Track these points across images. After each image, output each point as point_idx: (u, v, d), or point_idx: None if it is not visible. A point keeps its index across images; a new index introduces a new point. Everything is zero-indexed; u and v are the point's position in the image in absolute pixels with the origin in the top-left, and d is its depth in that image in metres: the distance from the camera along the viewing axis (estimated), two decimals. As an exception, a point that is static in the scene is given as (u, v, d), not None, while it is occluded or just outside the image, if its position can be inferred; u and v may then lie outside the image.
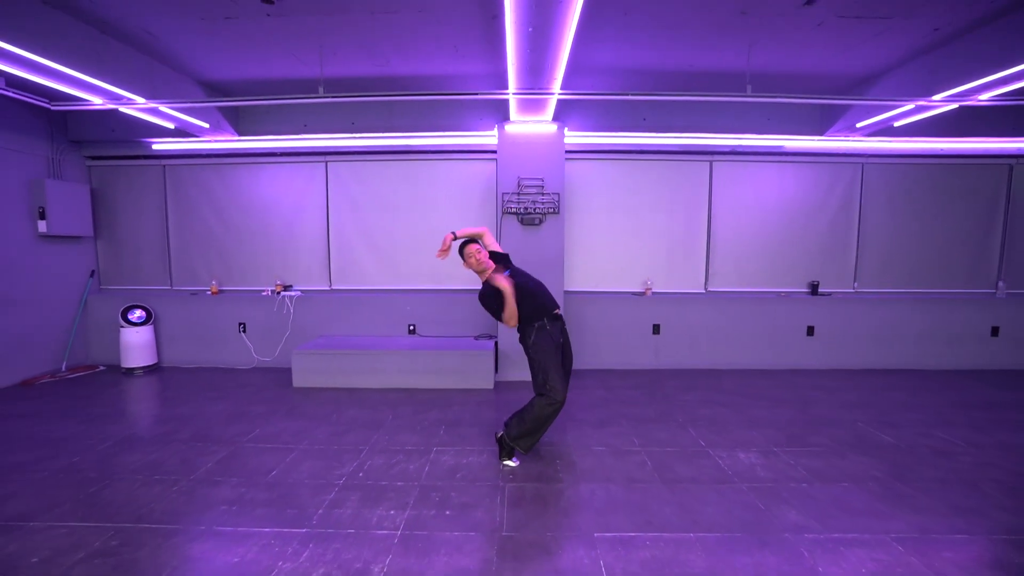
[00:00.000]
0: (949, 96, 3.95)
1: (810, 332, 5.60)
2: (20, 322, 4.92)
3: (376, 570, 2.02)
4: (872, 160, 5.62)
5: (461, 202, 5.58)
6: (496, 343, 5.12)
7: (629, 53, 4.21)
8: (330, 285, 5.78)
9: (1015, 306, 5.56)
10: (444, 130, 5.36)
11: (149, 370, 5.42)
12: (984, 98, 3.93)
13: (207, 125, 4.98)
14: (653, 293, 5.62)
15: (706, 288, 5.74)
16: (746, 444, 3.40)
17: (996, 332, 5.55)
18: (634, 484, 2.80)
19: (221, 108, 5.09)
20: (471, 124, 5.36)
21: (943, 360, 5.56)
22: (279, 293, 5.65)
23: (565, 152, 5.15)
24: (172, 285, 5.91)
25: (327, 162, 5.68)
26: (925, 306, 5.59)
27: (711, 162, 5.65)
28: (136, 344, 5.34)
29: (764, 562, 2.08)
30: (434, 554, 2.14)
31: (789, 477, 2.89)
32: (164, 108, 4.29)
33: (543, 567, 2.06)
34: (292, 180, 5.75)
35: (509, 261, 3.28)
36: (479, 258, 3.15)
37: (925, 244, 5.72)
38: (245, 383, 4.96)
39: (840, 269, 5.77)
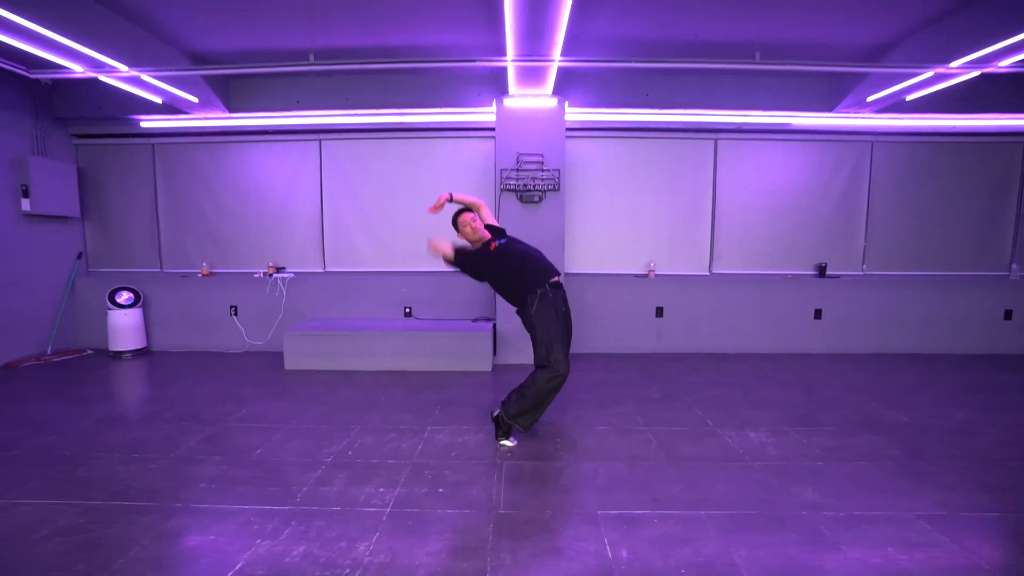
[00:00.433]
0: (968, 63, 3.77)
1: (817, 315, 5.44)
2: (3, 304, 4.76)
3: (362, 548, 1.87)
4: (882, 138, 5.44)
5: (459, 182, 5.40)
6: (495, 325, 4.97)
7: (631, 22, 4.04)
8: (324, 267, 5.62)
9: (1029, 288, 5.41)
10: (441, 106, 5.19)
11: (138, 354, 5.27)
12: (1005, 64, 3.76)
13: (196, 100, 4.81)
14: (656, 275, 5.46)
15: (710, 270, 5.58)
16: (755, 423, 3.25)
17: (1009, 315, 5.39)
18: (639, 462, 2.65)
19: (211, 83, 4.90)
20: (469, 100, 5.18)
21: (954, 344, 5.41)
22: (272, 275, 5.50)
23: (565, 130, 4.98)
24: (162, 268, 5.75)
25: (321, 140, 5.51)
26: (936, 289, 5.43)
27: (716, 140, 5.48)
28: (124, 327, 5.18)
29: (782, 539, 1.93)
30: (425, 532, 1.99)
31: (802, 455, 2.74)
32: (147, 77, 4.11)
33: (543, 545, 1.91)
34: (285, 159, 5.58)
35: (504, 232, 3.12)
36: (474, 226, 2.99)
37: (936, 225, 5.56)
38: (236, 366, 4.81)
39: (848, 251, 5.61)
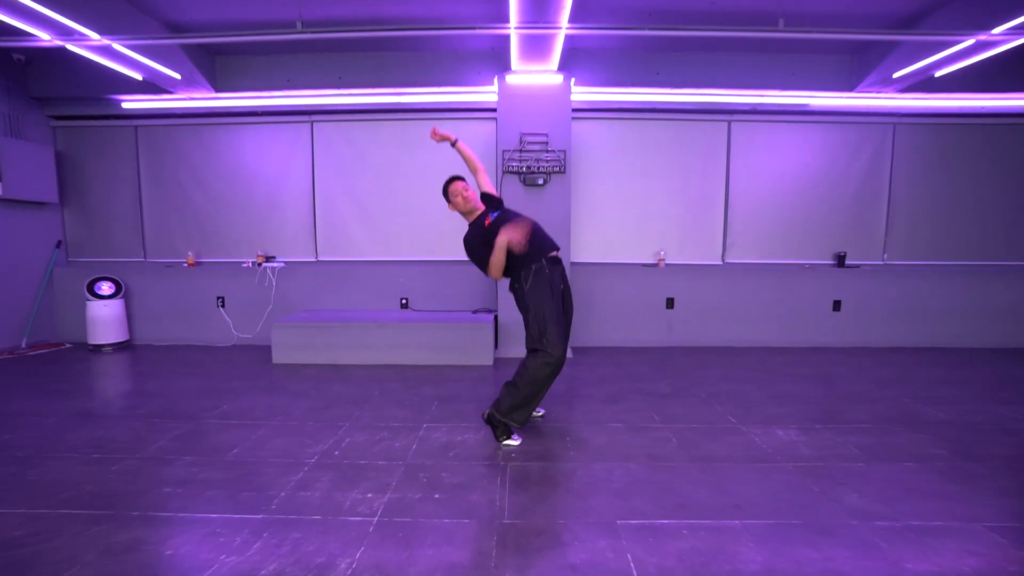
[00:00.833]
0: (1012, 29, 3.48)
1: (836, 307, 5.17)
2: (-26, 293, 4.49)
3: (343, 566, 1.60)
4: (905, 120, 5.15)
5: (459, 165, 5.04)
6: (496, 317, 4.69)
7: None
8: (316, 256, 5.33)
9: (1061, 278, 5.13)
10: (440, 85, 4.90)
11: (119, 347, 4.99)
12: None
13: (179, 76, 4.51)
14: (666, 264, 5.17)
15: (723, 259, 5.30)
16: (780, 420, 2.97)
17: (1040, 307, 5.12)
18: (658, 463, 2.38)
19: (194, 59, 4.60)
20: (469, 79, 4.89)
21: (981, 337, 5.13)
22: (261, 265, 5.21)
23: (572, 110, 4.69)
24: (146, 257, 5.47)
25: (313, 122, 5.22)
26: (961, 279, 5.15)
27: (729, 122, 5.19)
28: (104, 319, 4.90)
29: (832, 555, 1.66)
30: (418, 545, 1.71)
31: (838, 456, 2.47)
32: (120, 47, 3.81)
33: (555, 562, 1.63)
34: (275, 142, 5.29)
35: (501, 204, 2.84)
36: (466, 196, 2.71)
37: (961, 212, 5.26)
38: (222, 360, 4.54)
39: (868, 239, 5.32)
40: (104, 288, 4.95)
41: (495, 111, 4.80)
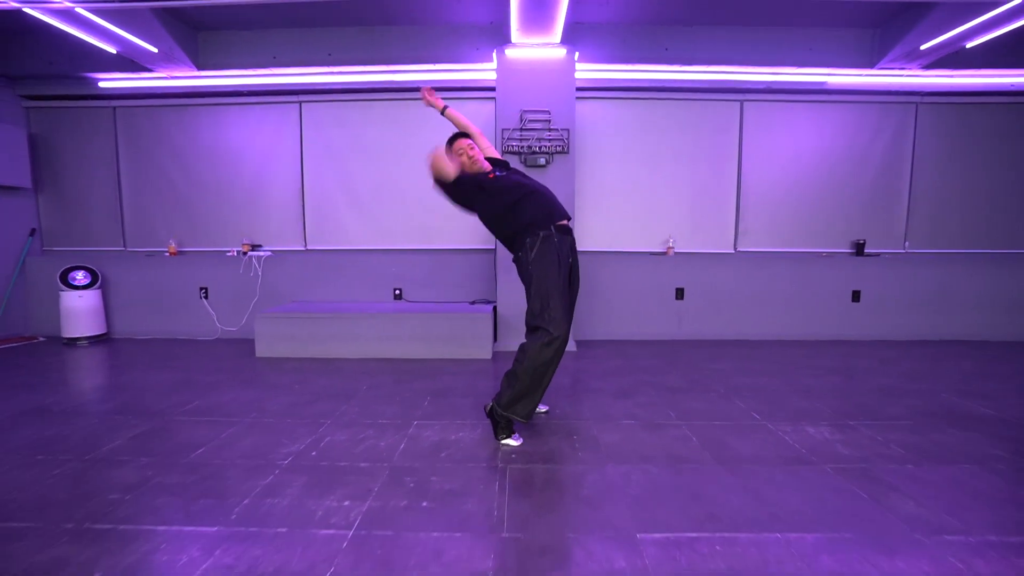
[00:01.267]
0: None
1: (855, 297, 4.87)
2: (-64, 282, 4.20)
3: (307, 592, 1.31)
4: (928, 99, 4.85)
5: (454, 147, 4.81)
6: (495, 308, 4.40)
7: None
8: (305, 244, 5.03)
9: (1095, 267, 4.83)
10: (435, 62, 4.60)
11: (95, 341, 4.70)
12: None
13: (155, 50, 4.21)
14: (676, 253, 4.88)
15: (736, 247, 5.00)
16: (810, 416, 2.68)
17: (1072, 297, 4.82)
18: (681, 465, 2.08)
19: (173, 32, 4.30)
20: (467, 55, 4.59)
21: (1010, 329, 4.83)
22: (246, 253, 4.92)
23: (576, 89, 4.39)
24: (126, 246, 5.16)
25: (301, 103, 4.92)
26: (987, 269, 4.85)
27: (742, 102, 4.89)
28: (79, 311, 4.61)
29: (902, 577, 1.37)
30: (399, 565, 1.42)
31: (883, 456, 2.17)
32: (83, 10, 3.50)
33: (564, 585, 1.34)
34: (261, 124, 4.99)
35: (507, 165, 2.55)
36: (472, 155, 2.42)
37: (987, 197, 4.96)
38: (202, 353, 4.25)
39: (889, 226, 5.02)
40: (79, 277, 4.65)
41: (494, 89, 4.50)
